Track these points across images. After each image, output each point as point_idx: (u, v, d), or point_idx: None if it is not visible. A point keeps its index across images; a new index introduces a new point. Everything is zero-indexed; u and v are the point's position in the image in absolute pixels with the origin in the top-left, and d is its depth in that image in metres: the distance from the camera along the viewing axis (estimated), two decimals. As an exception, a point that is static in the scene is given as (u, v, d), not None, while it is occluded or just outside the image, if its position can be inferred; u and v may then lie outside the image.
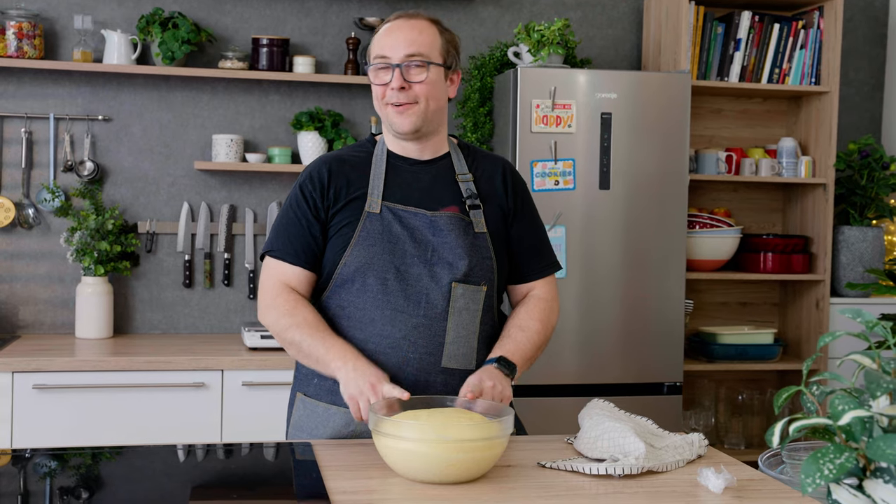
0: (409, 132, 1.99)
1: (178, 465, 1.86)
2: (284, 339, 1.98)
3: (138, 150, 3.68)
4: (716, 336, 3.86)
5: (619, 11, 4.04)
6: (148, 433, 3.07)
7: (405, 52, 1.95)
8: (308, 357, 1.94)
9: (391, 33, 1.98)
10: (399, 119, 1.98)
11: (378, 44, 1.99)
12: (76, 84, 3.62)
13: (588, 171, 3.40)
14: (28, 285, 3.61)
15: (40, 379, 3.07)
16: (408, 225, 1.98)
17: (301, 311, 1.95)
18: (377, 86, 1.99)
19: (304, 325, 1.93)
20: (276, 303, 1.98)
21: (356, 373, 1.85)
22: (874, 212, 4.00)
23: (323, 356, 1.90)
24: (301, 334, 1.93)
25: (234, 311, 3.76)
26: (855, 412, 1.05)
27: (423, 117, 1.98)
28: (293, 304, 1.96)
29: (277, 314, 1.97)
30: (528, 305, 2.10)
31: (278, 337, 1.99)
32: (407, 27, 1.98)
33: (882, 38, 4.28)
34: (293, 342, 1.95)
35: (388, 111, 1.99)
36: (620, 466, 1.71)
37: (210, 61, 3.71)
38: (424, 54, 1.96)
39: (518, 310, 2.10)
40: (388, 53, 1.96)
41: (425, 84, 1.96)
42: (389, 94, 1.97)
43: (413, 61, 1.95)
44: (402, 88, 1.95)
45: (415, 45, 1.96)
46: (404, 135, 2.00)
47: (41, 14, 3.58)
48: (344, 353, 1.89)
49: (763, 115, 4.16)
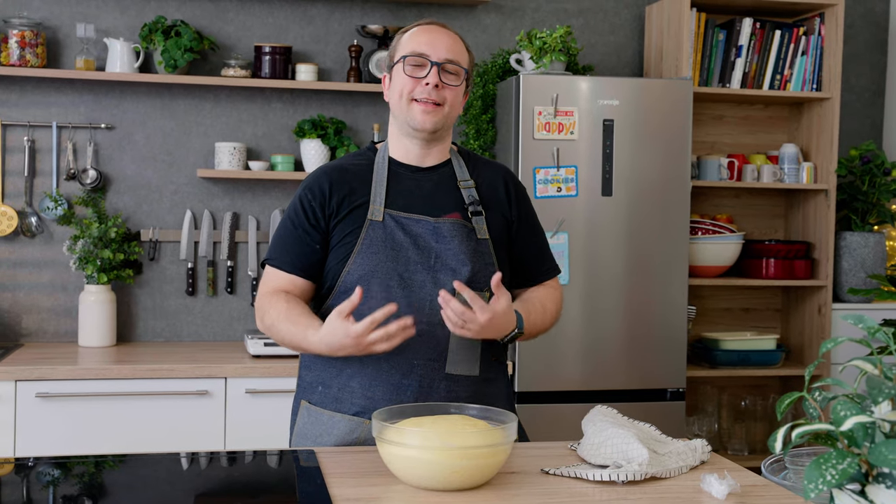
0: (428, 130, 2.01)
1: (182, 474, 1.86)
2: (272, 337, 2.01)
3: (141, 158, 3.69)
4: (718, 342, 3.86)
5: (620, 18, 4.05)
6: (151, 441, 3.07)
7: (445, 55, 2.00)
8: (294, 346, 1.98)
9: (430, 33, 2.02)
10: (423, 117, 1.99)
11: (413, 41, 2.01)
12: (79, 92, 3.63)
13: (590, 178, 3.41)
14: (31, 294, 3.61)
15: (43, 387, 3.07)
16: (411, 232, 1.98)
17: (274, 306, 1.97)
18: (409, 78, 1.99)
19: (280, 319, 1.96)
20: (260, 304, 2.02)
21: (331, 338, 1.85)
22: (876, 217, 4.00)
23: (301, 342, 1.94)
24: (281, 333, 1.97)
25: (237, 319, 3.76)
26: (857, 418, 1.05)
27: (444, 121, 2.02)
28: (269, 300, 1.99)
29: (260, 317, 2.02)
30: (548, 290, 2.15)
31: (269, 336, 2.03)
32: (444, 33, 2.03)
33: (883, 44, 4.29)
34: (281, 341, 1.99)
35: (412, 107, 2.00)
36: (624, 473, 1.71)
37: (213, 69, 3.72)
38: (460, 62, 2.02)
39: (538, 290, 2.14)
40: (426, 51, 1.99)
41: (455, 91, 2.01)
42: (420, 90, 1.98)
43: (450, 65, 2.00)
44: (436, 86, 1.98)
45: (453, 52, 2.01)
46: (422, 132, 2.01)
47: (44, 22, 3.59)
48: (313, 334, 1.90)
49: (765, 121, 4.16)
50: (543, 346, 3.29)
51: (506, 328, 1.93)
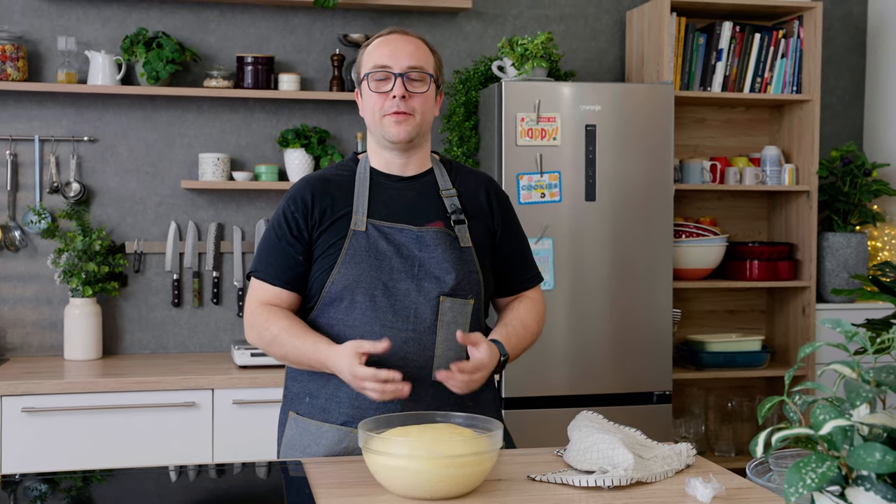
0: (404, 141, 2.01)
1: (170, 487, 1.86)
2: (271, 354, 2.03)
3: (124, 170, 3.68)
4: (704, 344, 3.88)
5: (601, 24, 4.07)
6: (139, 454, 3.06)
7: (407, 63, 1.99)
8: (300, 365, 1.99)
9: (390, 44, 2.02)
10: (396, 129, 2.00)
11: (375, 54, 2.02)
12: (61, 105, 3.62)
13: (574, 184, 3.42)
14: (15, 308, 3.60)
15: (29, 402, 3.06)
16: (394, 241, 1.99)
17: (275, 322, 1.99)
18: (375, 94, 2.01)
19: (282, 334, 1.97)
20: (253, 320, 2.02)
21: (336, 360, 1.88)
22: (857, 218, 4.03)
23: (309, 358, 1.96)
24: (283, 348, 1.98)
25: (223, 330, 3.76)
26: (836, 422, 1.07)
27: (417, 129, 2.02)
28: (266, 317, 2.00)
29: (257, 332, 2.02)
30: (526, 303, 2.15)
31: (266, 351, 2.04)
32: (404, 41, 2.03)
33: (861, 46, 4.32)
34: (280, 356, 2.01)
35: (384, 121, 2.01)
36: (609, 478, 1.72)
37: (195, 80, 3.72)
38: (424, 67, 2.02)
39: (517, 304, 2.14)
40: (388, 63, 2.00)
41: (423, 97, 2.01)
42: (389, 104, 1.99)
43: (414, 72, 1.99)
44: (402, 97, 1.98)
45: (415, 58, 2.01)
46: (398, 143, 2.02)
47: (24, 36, 3.58)
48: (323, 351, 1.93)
49: (746, 123, 4.19)
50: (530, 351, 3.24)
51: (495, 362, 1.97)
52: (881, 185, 3.98)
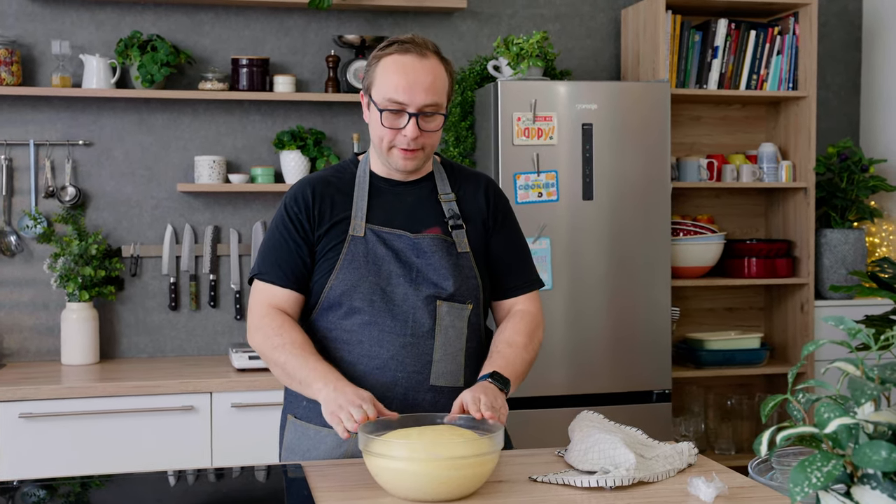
0: (409, 171, 2.00)
1: (169, 491, 1.85)
2: (270, 359, 1.96)
3: (120, 173, 3.67)
4: (703, 342, 3.87)
5: (596, 22, 4.07)
6: (138, 458, 3.05)
7: (423, 101, 1.91)
8: (292, 378, 1.92)
9: (406, 74, 1.90)
10: (404, 162, 1.97)
11: (390, 84, 1.91)
12: (55, 109, 3.61)
13: (571, 183, 3.41)
14: (12, 313, 3.59)
15: (26, 408, 3.05)
16: (392, 246, 1.98)
17: (288, 333, 1.94)
18: (386, 128, 1.93)
19: (290, 345, 1.92)
20: (263, 323, 1.97)
21: (336, 393, 1.81)
22: (855, 214, 4.03)
23: (306, 377, 1.88)
24: (286, 355, 1.92)
25: (221, 333, 3.75)
26: (840, 420, 1.06)
27: (425, 160, 2.00)
28: (279, 324, 1.95)
29: (264, 335, 1.96)
30: (513, 321, 2.08)
31: (265, 358, 1.98)
32: (422, 69, 1.91)
33: (857, 41, 4.32)
34: (278, 363, 1.94)
35: (392, 152, 1.96)
36: (611, 478, 1.71)
37: (190, 83, 3.71)
38: (439, 104, 1.94)
39: (504, 326, 2.09)
40: (403, 100, 1.90)
41: (435, 133, 1.96)
42: (400, 139, 1.93)
43: (430, 108, 1.93)
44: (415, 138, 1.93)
45: (431, 94, 1.91)
46: (403, 173, 2.01)
47: (18, 40, 3.57)
48: (326, 374, 1.86)
49: (742, 121, 4.18)
50: (529, 351, 3.28)
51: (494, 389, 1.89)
52: (878, 181, 3.97)
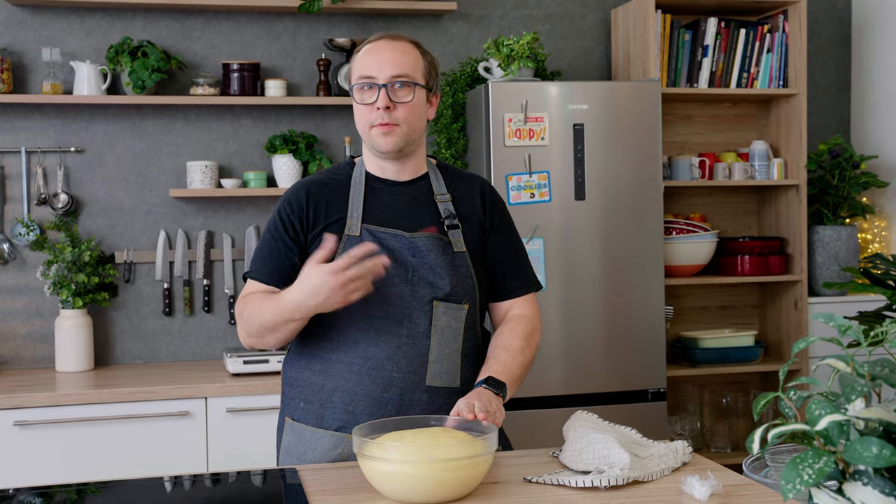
0: (391, 151, 2.01)
1: (166, 497, 1.85)
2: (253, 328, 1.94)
3: (112, 180, 3.67)
4: (697, 340, 3.88)
5: (587, 22, 4.07)
6: (133, 465, 3.05)
7: (391, 72, 1.97)
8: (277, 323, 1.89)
9: (375, 53, 1.99)
10: (383, 140, 1.99)
11: (361, 63, 2.00)
12: (47, 117, 3.60)
13: (563, 183, 3.42)
14: (6, 320, 3.58)
15: (21, 415, 3.04)
16: (388, 246, 1.98)
17: (251, 304, 1.95)
18: (361, 105, 1.99)
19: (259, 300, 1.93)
20: (239, 309, 1.99)
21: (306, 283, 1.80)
22: (847, 210, 4.04)
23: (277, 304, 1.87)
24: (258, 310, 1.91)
25: (215, 338, 3.74)
26: (831, 416, 1.06)
27: (405, 139, 2.00)
28: (247, 300, 1.97)
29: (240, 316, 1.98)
30: (510, 325, 2.08)
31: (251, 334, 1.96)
32: (391, 48, 2.00)
33: (847, 38, 4.33)
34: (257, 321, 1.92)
35: (372, 133, 2.00)
36: (606, 478, 1.72)
37: (181, 88, 3.70)
38: (410, 75, 1.99)
39: (501, 330, 2.09)
40: (373, 73, 1.97)
41: (409, 106, 1.98)
42: (374, 115, 1.97)
43: (398, 81, 1.97)
44: (387, 108, 1.96)
45: (400, 66, 1.98)
46: (386, 154, 2.01)
47: (8, 48, 3.56)
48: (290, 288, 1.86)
49: (733, 119, 4.19)
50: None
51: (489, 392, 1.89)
52: (870, 177, 3.99)
